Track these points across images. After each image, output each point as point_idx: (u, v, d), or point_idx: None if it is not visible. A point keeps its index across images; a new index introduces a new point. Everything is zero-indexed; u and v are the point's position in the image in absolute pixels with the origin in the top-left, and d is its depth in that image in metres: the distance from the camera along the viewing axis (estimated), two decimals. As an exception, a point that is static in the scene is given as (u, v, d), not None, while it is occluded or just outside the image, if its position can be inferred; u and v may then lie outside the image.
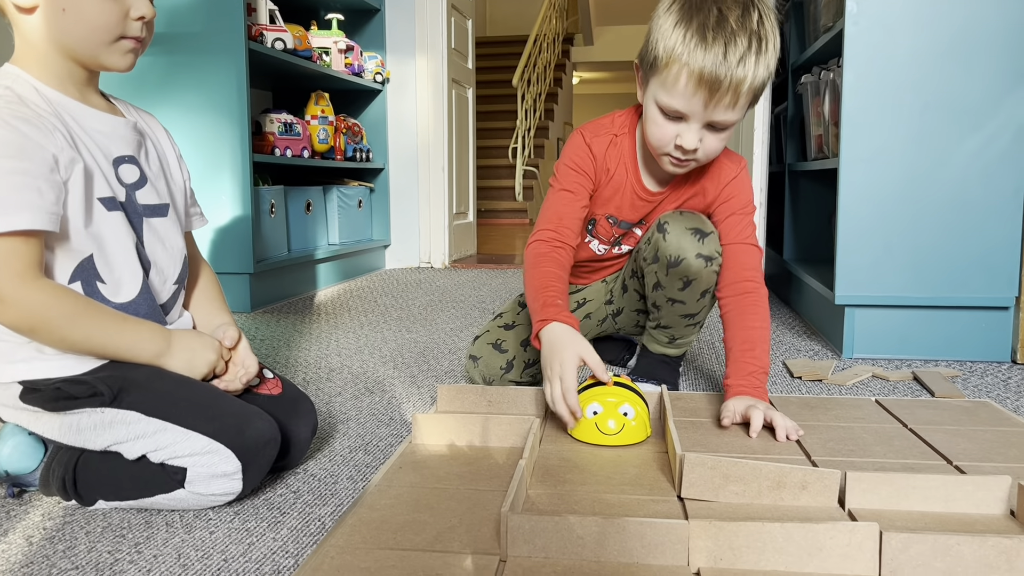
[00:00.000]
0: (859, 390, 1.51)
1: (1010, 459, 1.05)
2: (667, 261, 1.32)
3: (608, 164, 1.34)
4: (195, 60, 2.31)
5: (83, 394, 0.92)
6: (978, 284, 1.72)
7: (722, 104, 1.13)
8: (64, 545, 0.87)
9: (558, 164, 1.36)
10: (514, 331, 1.48)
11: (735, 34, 1.10)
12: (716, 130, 1.18)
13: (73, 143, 0.94)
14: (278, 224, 2.63)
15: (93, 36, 0.95)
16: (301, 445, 1.07)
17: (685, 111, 1.15)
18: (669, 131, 1.19)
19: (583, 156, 1.33)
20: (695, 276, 1.31)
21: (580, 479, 0.98)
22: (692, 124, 1.17)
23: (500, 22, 8.74)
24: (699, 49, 1.10)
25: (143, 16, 0.97)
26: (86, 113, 0.98)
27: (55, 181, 0.90)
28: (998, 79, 1.67)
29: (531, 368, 1.46)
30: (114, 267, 0.97)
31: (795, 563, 0.75)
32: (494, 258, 3.89)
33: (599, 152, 1.33)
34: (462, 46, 3.74)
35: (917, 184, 1.72)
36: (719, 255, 1.31)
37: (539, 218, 1.33)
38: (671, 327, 1.42)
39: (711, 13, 1.11)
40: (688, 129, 1.17)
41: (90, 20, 0.94)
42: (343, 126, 3.07)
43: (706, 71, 1.10)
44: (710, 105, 1.13)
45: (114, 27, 0.95)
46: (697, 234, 1.30)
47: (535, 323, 1.19)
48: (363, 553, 0.78)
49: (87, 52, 0.96)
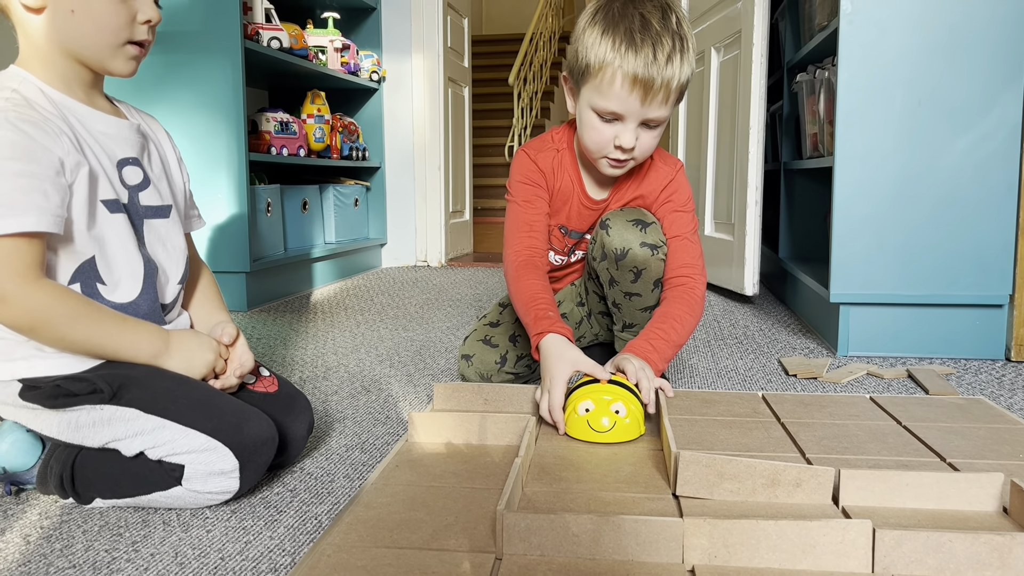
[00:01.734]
0: (854, 388, 1.52)
1: (1003, 456, 1.05)
2: (614, 255, 1.36)
3: (555, 177, 1.40)
4: (191, 59, 2.30)
5: (83, 391, 0.93)
6: (972, 282, 1.73)
7: (656, 101, 1.20)
8: (61, 544, 0.87)
9: (510, 183, 1.42)
10: (500, 327, 1.53)
11: (660, 35, 1.18)
12: (650, 128, 1.25)
13: (79, 146, 0.94)
14: (274, 223, 2.63)
15: (100, 38, 0.95)
16: (297, 443, 1.08)
17: (622, 111, 1.22)
18: (607, 133, 1.25)
19: (533, 170, 1.39)
20: (643, 266, 1.35)
21: (576, 477, 0.98)
22: (628, 124, 1.23)
23: (496, 20, 8.73)
24: (630, 52, 1.17)
25: (150, 20, 0.98)
26: (91, 116, 0.98)
27: (60, 184, 0.90)
28: (991, 78, 1.67)
29: (525, 359, 1.48)
30: (114, 268, 0.98)
31: (789, 560, 0.75)
32: (490, 256, 3.90)
33: (546, 166, 1.39)
34: (458, 45, 3.74)
35: (911, 182, 1.73)
36: (664, 243, 1.36)
37: (508, 232, 1.39)
38: (635, 324, 1.45)
39: (635, 19, 1.19)
40: (625, 129, 1.23)
41: (98, 22, 0.94)
42: (339, 125, 3.07)
43: (640, 72, 1.17)
44: (645, 103, 1.20)
45: (122, 30, 0.96)
46: (639, 225, 1.35)
47: (532, 337, 1.23)
48: (359, 551, 0.79)
49: (93, 55, 0.97)
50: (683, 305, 1.32)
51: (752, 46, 2.30)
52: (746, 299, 2.52)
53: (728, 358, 1.77)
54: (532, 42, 6.53)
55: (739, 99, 2.39)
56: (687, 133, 2.91)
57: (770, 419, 1.21)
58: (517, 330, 1.51)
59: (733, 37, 2.45)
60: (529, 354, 1.48)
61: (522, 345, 1.50)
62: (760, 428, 1.17)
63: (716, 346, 1.89)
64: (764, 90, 2.32)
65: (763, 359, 1.76)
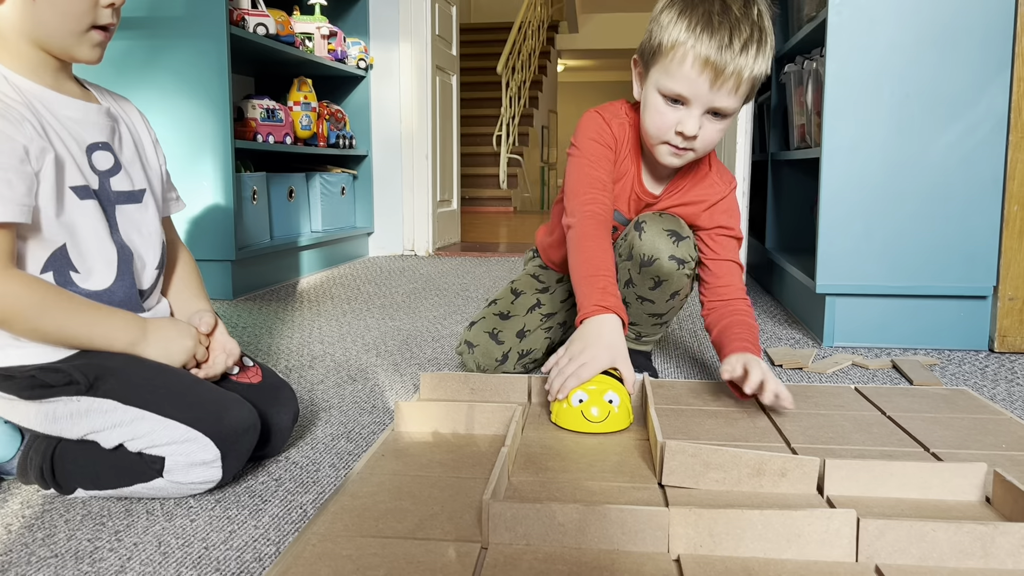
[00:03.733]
0: (839, 378, 1.53)
1: (986, 446, 1.06)
2: (640, 259, 1.32)
3: (620, 151, 1.34)
4: (176, 45, 2.28)
5: (59, 382, 0.92)
6: (957, 273, 1.74)
7: (725, 88, 1.16)
8: (43, 533, 0.86)
9: (577, 139, 1.34)
10: (510, 321, 1.48)
11: (739, 22, 1.15)
12: (716, 118, 1.21)
13: (44, 132, 0.92)
14: (260, 211, 2.62)
15: (65, 25, 0.94)
16: (282, 433, 1.07)
17: (688, 94, 1.17)
18: (670, 117, 1.20)
19: (606, 132, 1.32)
20: (667, 277, 1.33)
21: (562, 466, 0.98)
22: (693, 110, 1.19)
23: (484, 8, 8.70)
24: (705, 34, 1.14)
25: (113, 3, 0.96)
26: (58, 101, 0.97)
27: (26, 172, 0.89)
28: (978, 69, 1.68)
29: (524, 359, 1.47)
30: (87, 256, 0.96)
31: (774, 549, 0.75)
32: (478, 246, 3.89)
33: (618, 135, 1.32)
34: (446, 32, 3.72)
35: (898, 174, 1.73)
36: (692, 259, 1.33)
37: (574, 184, 1.31)
38: (638, 324, 1.44)
39: (715, 3, 1.16)
40: (689, 115, 1.19)
41: (61, 8, 0.93)
42: (326, 112, 3.05)
43: (712, 54, 1.14)
44: (714, 87, 1.16)
45: (85, 15, 0.94)
46: (673, 236, 1.31)
47: (592, 306, 1.18)
48: (345, 541, 0.78)
49: (58, 42, 0.95)
50: (747, 316, 1.30)
51: (740, 36, 2.30)
52: (733, 289, 2.53)
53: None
54: (521, 31, 6.51)
55: (727, 89, 2.39)
56: (675, 123, 2.91)
57: (756, 409, 1.21)
58: (527, 324, 1.47)
59: (722, 27, 2.44)
60: (530, 353, 1.47)
61: (530, 340, 1.46)
62: (746, 418, 1.17)
63: (702, 336, 1.90)
64: (752, 81, 2.32)
65: (749, 349, 1.77)
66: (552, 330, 1.51)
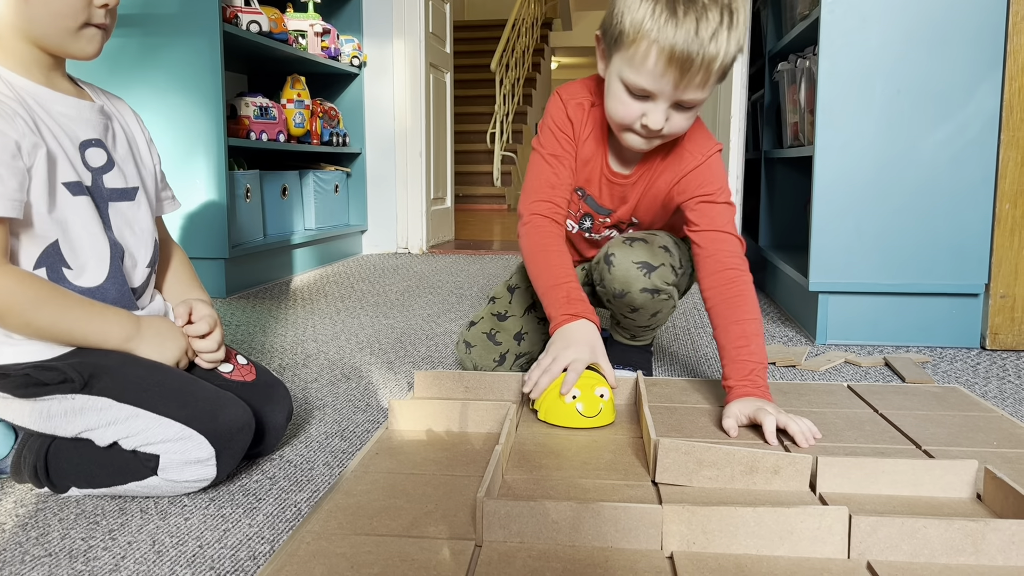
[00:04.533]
0: (832, 376, 1.53)
1: (977, 443, 1.07)
2: (613, 292, 1.32)
3: (582, 133, 1.28)
4: (169, 42, 2.27)
5: (53, 380, 0.91)
6: (949, 271, 1.74)
7: (693, 83, 1.08)
8: (37, 532, 0.86)
9: (541, 125, 1.31)
10: (508, 321, 1.45)
11: (706, 8, 1.04)
12: (683, 109, 1.13)
13: (36, 128, 0.92)
14: (254, 209, 2.61)
15: (58, 23, 0.94)
16: (276, 431, 1.07)
17: (653, 90, 1.09)
18: (634, 109, 1.13)
19: (563, 120, 1.28)
20: (641, 306, 1.32)
21: (556, 464, 0.98)
22: (659, 103, 1.11)
23: (478, 6, 8.69)
24: (670, 24, 1.03)
25: (106, 3, 0.96)
26: (51, 97, 0.96)
27: (17, 168, 0.89)
28: (969, 67, 1.69)
29: (521, 360, 1.46)
30: (79, 252, 0.96)
31: (767, 546, 0.76)
32: (472, 244, 3.89)
33: (577, 119, 1.27)
34: (440, 30, 3.71)
35: (890, 172, 1.74)
36: (669, 285, 1.30)
37: (529, 185, 1.29)
38: (629, 329, 1.45)
39: None
40: (655, 108, 1.12)
41: (54, 7, 0.93)
42: (319, 110, 3.04)
43: (677, 48, 1.04)
44: (681, 85, 1.08)
45: (78, 13, 0.94)
46: (644, 268, 1.28)
47: (560, 315, 1.17)
48: (339, 539, 0.79)
49: (53, 40, 0.95)
50: (748, 309, 1.18)
51: (734, 34, 2.30)
52: (726, 287, 2.53)
53: (708, 345, 1.78)
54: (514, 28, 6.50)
55: (720, 88, 2.39)
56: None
57: (749, 407, 1.21)
58: (525, 326, 1.45)
59: (715, 25, 2.44)
60: (527, 356, 1.46)
61: (526, 344, 1.45)
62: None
63: (696, 333, 1.90)
64: (745, 79, 2.33)
65: (742, 347, 1.77)
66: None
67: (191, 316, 1.05)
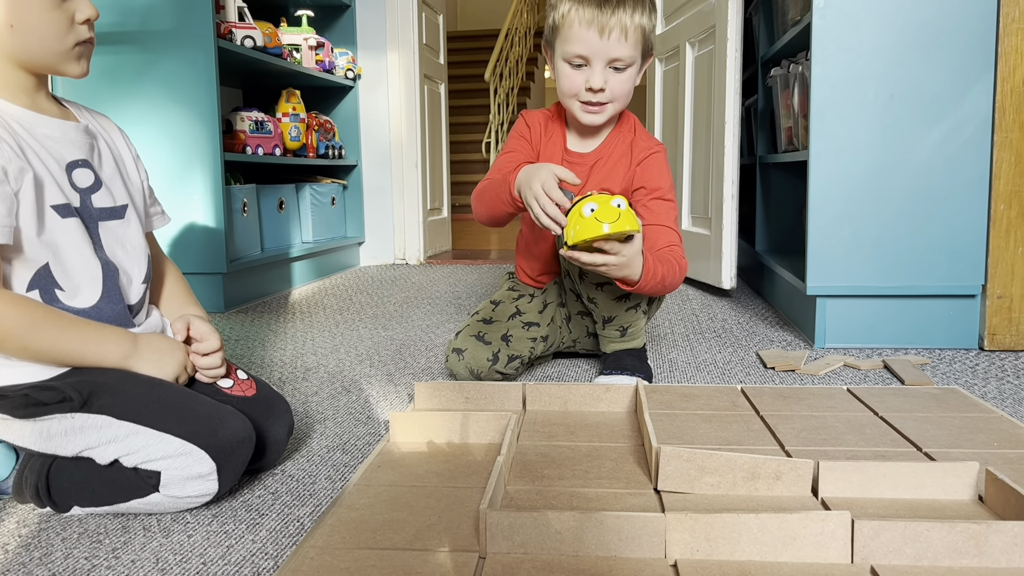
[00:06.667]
0: (831, 379, 1.54)
1: (978, 445, 1.07)
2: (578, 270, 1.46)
3: (543, 132, 1.55)
4: (164, 58, 2.28)
5: (52, 400, 0.91)
6: (946, 273, 1.75)
7: (613, 37, 1.35)
8: (40, 552, 0.86)
9: None
10: (494, 325, 1.53)
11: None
12: (618, 70, 1.39)
13: (22, 152, 0.93)
14: (251, 223, 2.61)
15: (47, 46, 0.95)
16: (277, 446, 1.07)
17: (586, 52, 1.38)
18: (578, 78, 1.41)
19: (522, 126, 1.56)
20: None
21: (558, 474, 0.98)
22: (596, 66, 1.38)
23: (471, 16, 8.71)
24: (585, 3, 1.36)
25: (88, 18, 0.97)
26: (36, 120, 0.97)
27: (6, 192, 0.89)
28: (961, 70, 1.69)
29: (516, 360, 1.48)
30: (72, 274, 0.96)
31: (770, 552, 0.76)
32: (469, 254, 3.89)
33: (534, 123, 1.55)
34: (433, 41, 3.73)
35: (884, 175, 1.75)
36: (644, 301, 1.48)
37: (491, 170, 1.53)
38: (615, 316, 1.47)
39: None
40: (593, 71, 1.39)
41: (39, 32, 0.94)
42: (315, 123, 3.05)
43: (594, 14, 1.35)
44: (603, 38, 1.35)
45: (66, 35, 0.96)
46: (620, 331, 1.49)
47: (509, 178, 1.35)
48: (343, 553, 0.79)
49: (45, 63, 0.96)
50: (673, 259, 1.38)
51: (727, 41, 2.31)
52: (724, 293, 2.54)
53: (707, 351, 1.78)
54: (508, 38, 6.52)
55: (714, 94, 2.40)
56: (663, 129, 2.92)
57: (749, 412, 1.22)
58: (510, 330, 1.52)
59: (707, 32, 2.46)
60: (520, 356, 1.50)
61: (515, 345, 1.50)
62: (739, 421, 1.18)
63: (695, 340, 1.91)
64: (739, 85, 2.34)
65: (741, 352, 1.78)
66: (536, 341, 1.54)
67: (189, 331, 1.06)
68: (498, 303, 1.60)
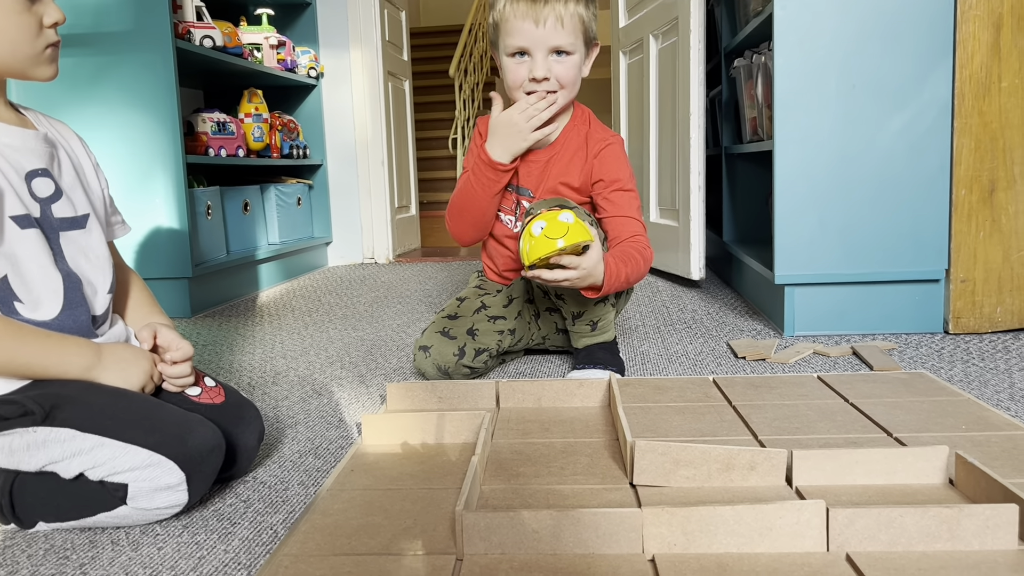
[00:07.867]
0: (801, 367, 1.55)
1: (947, 428, 1.08)
2: None
3: None
4: (121, 60, 2.23)
5: (13, 414, 0.89)
6: (910, 258, 1.77)
7: (549, 25, 1.39)
8: (6, 570, 0.84)
9: None
10: (459, 320, 1.53)
11: None
12: (560, 56, 1.43)
13: None
14: (215, 226, 2.57)
15: (17, 51, 0.93)
16: (248, 453, 1.05)
17: (525, 43, 1.41)
18: (521, 70, 1.44)
19: (476, 136, 1.57)
20: None
21: (533, 472, 0.98)
22: (537, 56, 1.42)
23: (434, 12, 8.67)
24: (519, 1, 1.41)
25: (56, 22, 0.96)
26: None
27: None
28: (920, 58, 1.71)
29: (483, 354, 1.48)
30: (32, 286, 0.94)
31: (747, 544, 0.76)
32: (439, 251, 3.88)
33: (484, 129, 1.54)
34: (396, 38, 3.70)
35: (848, 163, 1.76)
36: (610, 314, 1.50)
37: None
38: (583, 312, 1.47)
39: None
40: (534, 61, 1.42)
41: (10, 36, 0.92)
42: (278, 123, 3.01)
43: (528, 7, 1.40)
44: (539, 27, 1.39)
45: (36, 40, 0.94)
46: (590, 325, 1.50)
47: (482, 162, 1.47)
48: (318, 560, 0.77)
49: (15, 67, 0.95)
50: (635, 252, 1.40)
51: (689, 33, 2.32)
52: (693, 284, 2.55)
53: (678, 343, 1.79)
54: (471, 33, 6.49)
55: (678, 86, 2.41)
56: (628, 121, 2.93)
57: (722, 403, 1.22)
58: (476, 324, 1.52)
59: (670, 24, 2.47)
60: (487, 349, 1.50)
61: (481, 338, 1.50)
62: (713, 412, 1.18)
63: (666, 331, 1.91)
64: (703, 76, 2.34)
65: (712, 342, 1.79)
66: (503, 334, 1.53)
67: (156, 340, 1.03)
68: (464, 299, 1.60)
